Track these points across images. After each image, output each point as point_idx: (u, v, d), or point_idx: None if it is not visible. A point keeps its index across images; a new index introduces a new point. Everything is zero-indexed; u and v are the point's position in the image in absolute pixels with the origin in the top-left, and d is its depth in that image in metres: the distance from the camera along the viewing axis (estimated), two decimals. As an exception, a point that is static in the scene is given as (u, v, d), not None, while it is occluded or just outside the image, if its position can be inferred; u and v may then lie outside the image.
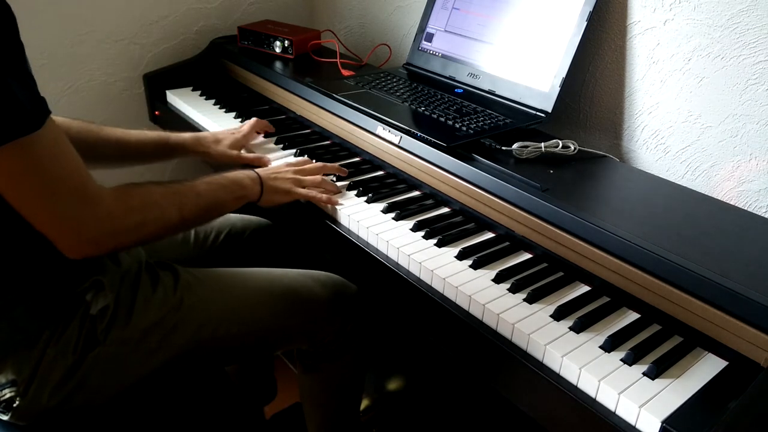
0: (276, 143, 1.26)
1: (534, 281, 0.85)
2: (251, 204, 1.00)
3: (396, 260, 0.92)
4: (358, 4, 1.72)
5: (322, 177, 1.06)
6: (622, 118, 1.17)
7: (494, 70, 1.25)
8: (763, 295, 0.69)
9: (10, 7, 0.66)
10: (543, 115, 1.15)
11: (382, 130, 1.13)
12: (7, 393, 0.82)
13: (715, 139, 1.04)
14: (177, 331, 0.90)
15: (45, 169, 0.70)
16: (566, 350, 0.72)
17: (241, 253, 1.21)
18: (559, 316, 0.78)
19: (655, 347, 0.74)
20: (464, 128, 1.09)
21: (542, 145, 1.05)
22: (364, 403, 1.52)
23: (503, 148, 1.04)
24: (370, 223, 0.97)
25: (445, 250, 0.92)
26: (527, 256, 0.92)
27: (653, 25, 1.09)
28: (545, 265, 0.90)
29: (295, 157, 1.20)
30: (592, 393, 0.69)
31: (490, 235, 0.97)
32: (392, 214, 1.00)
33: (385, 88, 1.29)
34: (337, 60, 1.47)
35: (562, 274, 0.88)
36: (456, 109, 1.18)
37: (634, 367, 0.71)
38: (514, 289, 0.83)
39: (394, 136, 1.11)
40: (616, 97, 1.17)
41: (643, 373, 0.70)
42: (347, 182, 1.10)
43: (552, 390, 0.71)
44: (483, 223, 0.99)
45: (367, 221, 0.98)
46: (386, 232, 0.95)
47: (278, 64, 1.48)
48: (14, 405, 0.82)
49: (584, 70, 1.21)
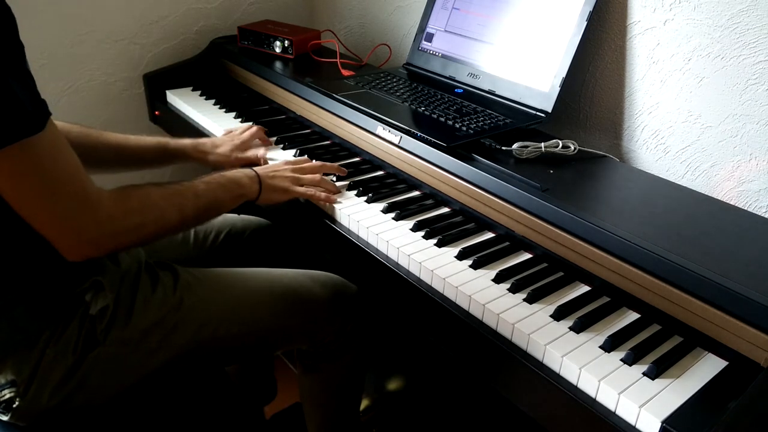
0: (276, 143, 1.26)
1: (534, 281, 0.85)
2: (251, 203, 1.00)
3: (396, 260, 0.92)
4: (358, 4, 1.72)
5: (321, 176, 1.06)
6: (622, 118, 1.17)
7: (494, 70, 1.25)
8: (763, 295, 0.69)
9: (9, 8, 0.66)
10: (543, 115, 1.15)
11: (382, 130, 1.13)
12: (7, 393, 0.82)
13: (715, 139, 1.04)
14: (177, 331, 0.91)
15: (45, 171, 0.70)
16: (566, 350, 0.72)
17: (241, 253, 1.21)
18: (559, 316, 0.78)
19: (655, 347, 0.74)
20: (464, 128, 1.09)
21: (542, 145, 1.05)
22: (364, 403, 1.52)
23: (503, 148, 1.04)
24: (370, 223, 0.97)
25: (445, 250, 0.92)
26: (527, 256, 0.92)
27: (653, 25, 1.09)
28: (545, 265, 0.90)
29: (295, 157, 1.20)
30: (592, 393, 0.69)
31: (490, 235, 0.97)
32: (392, 214, 1.00)
33: (385, 88, 1.29)
34: (337, 60, 1.47)
35: (562, 274, 0.88)
36: (456, 109, 1.18)
37: (634, 367, 0.71)
38: (514, 289, 0.83)
39: (394, 136, 1.11)
40: (616, 97, 1.17)
41: (643, 373, 0.70)
42: (347, 182, 1.10)
43: (552, 390, 0.71)
44: (483, 223, 0.99)
45: (367, 221, 0.98)
46: (386, 232, 0.95)
47: (278, 64, 1.48)
48: (14, 405, 0.82)
49: (584, 70, 1.21)
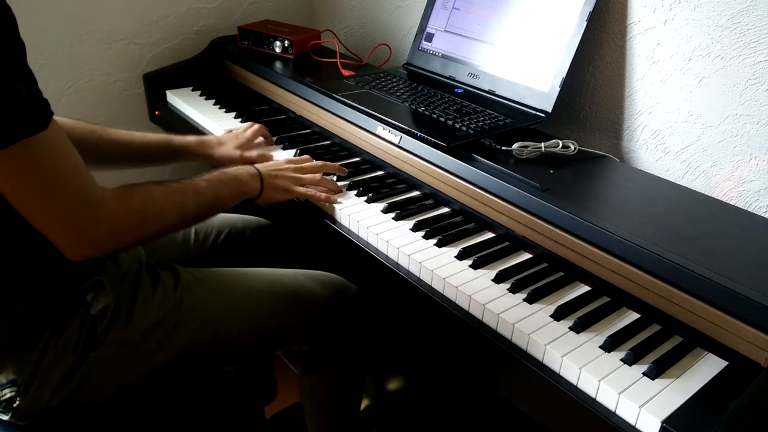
0: (276, 143, 1.26)
1: (534, 281, 0.85)
2: (251, 202, 1.00)
3: (396, 260, 0.92)
4: (358, 4, 1.72)
5: (322, 175, 1.06)
6: (622, 118, 1.17)
7: (494, 70, 1.25)
8: (763, 295, 0.69)
9: (10, 8, 0.66)
10: (543, 115, 1.15)
11: (382, 130, 1.13)
12: (8, 393, 0.82)
13: (715, 139, 1.04)
14: (177, 331, 0.91)
15: (47, 170, 0.70)
16: (566, 350, 0.72)
17: (241, 253, 1.21)
18: (559, 316, 0.78)
19: (655, 347, 0.74)
20: (464, 128, 1.09)
21: (542, 145, 1.05)
22: (364, 403, 1.52)
23: (503, 148, 1.04)
24: (370, 223, 0.97)
25: (445, 250, 0.92)
26: (527, 256, 0.92)
27: (653, 25, 1.09)
28: (545, 265, 0.90)
29: (295, 156, 1.19)
30: (592, 393, 0.69)
31: (490, 235, 0.97)
32: (392, 214, 1.00)
33: (385, 88, 1.29)
34: (337, 60, 1.47)
35: (562, 274, 0.88)
36: (456, 109, 1.18)
37: (634, 367, 0.71)
38: (514, 289, 0.83)
39: (394, 136, 1.11)
40: (616, 97, 1.17)
41: (643, 373, 0.70)
42: (347, 182, 1.10)
43: (552, 390, 0.71)
44: (483, 223, 0.99)
45: (367, 221, 0.98)
46: (386, 232, 0.95)
47: (278, 64, 1.48)
48: (14, 405, 0.82)
49: (584, 70, 1.21)
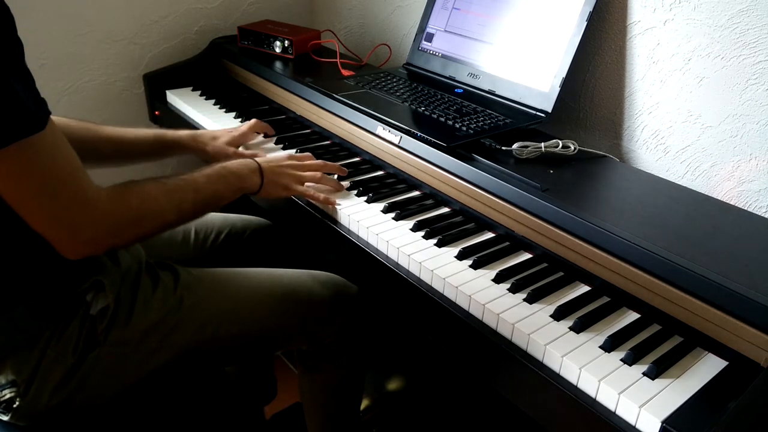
0: (276, 143, 1.26)
1: (534, 281, 0.85)
2: (251, 202, 1.00)
3: (396, 260, 0.92)
4: (358, 4, 1.72)
5: (323, 174, 1.06)
6: (622, 118, 1.17)
7: (494, 70, 1.25)
8: (763, 295, 0.69)
9: (8, 7, 0.66)
10: (543, 115, 1.15)
11: (382, 130, 1.13)
12: (8, 393, 0.82)
13: (715, 139, 1.04)
14: (177, 331, 0.91)
15: (44, 170, 0.70)
16: (566, 350, 0.72)
17: (241, 253, 1.21)
18: (559, 316, 0.78)
19: (655, 347, 0.74)
20: (464, 128, 1.09)
21: (542, 145, 1.05)
22: (364, 403, 1.52)
23: (503, 148, 1.04)
24: (370, 223, 0.97)
25: (445, 250, 0.92)
26: (527, 256, 0.92)
27: (653, 25, 1.09)
28: (545, 265, 0.90)
29: (296, 156, 1.20)
30: (592, 393, 0.69)
31: (490, 235, 0.97)
32: (392, 214, 1.00)
33: (385, 88, 1.29)
34: (337, 60, 1.47)
35: (562, 274, 0.88)
36: (456, 109, 1.18)
37: (634, 367, 0.71)
38: (514, 289, 0.83)
39: (394, 136, 1.11)
40: (616, 97, 1.17)
41: (643, 373, 0.70)
42: (347, 182, 1.10)
43: (552, 390, 0.71)
44: (483, 223, 0.99)
45: (367, 221, 0.98)
46: (386, 232, 0.95)
47: (278, 64, 1.48)
48: (14, 405, 0.82)
49: (584, 70, 1.21)
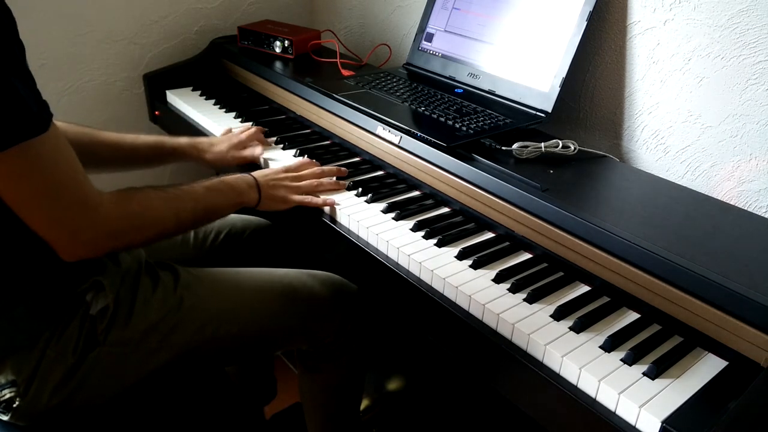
0: (276, 143, 1.26)
1: (534, 281, 0.85)
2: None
3: (396, 260, 0.92)
4: (358, 4, 1.72)
5: (320, 181, 1.06)
6: (622, 118, 1.17)
7: (494, 70, 1.25)
8: (763, 295, 0.69)
9: (9, 9, 0.66)
10: (543, 115, 1.15)
11: (382, 130, 1.13)
12: (7, 393, 0.82)
13: (715, 139, 1.04)
14: (177, 331, 0.91)
15: (45, 173, 0.70)
16: (566, 350, 0.72)
17: (241, 253, 1.21)
18: (559, 316, 0.78)
19: (655, 347, 0.74)
20: (464, 128, 1.09)
21: (542, 145, 1.05)
22: (364, 403, 1.52)
23: (503, 148, 1.04)
24: (370, 223, 0.97)
25: (445, 250, 0.92)
26: (527, 256, 0.92)
27: (653, 25, 1.09)
28: (545, 265, 0.90)
29: (295, 157, 1.20)
30: (592, 393, 0.69)
31: (490, 235, 0.97)
32: (392, 214, 1.00)
33: (385, 88, 1.29)
34: (337, 60, 1.47)
35: (562, 274, 0.88)
36: (456, 109, 1.18)
37: (634, 367, 0.71)
38: (514, 289, 0.83)
39: (394, 136, 1.11)
40: (616, 97, 1.17)
41: (643, 373, 0.70)
42: (347, 182, 1.10)
43: (552, 390, 0.71)
44: (483, 223, 0.99)
45: (367, 221, 0.98)
46: (386, 232, 0.95)
47: (278, 64, 1.48)
48: (14, 405, 0.82)
49: (584, 70, 1.21)
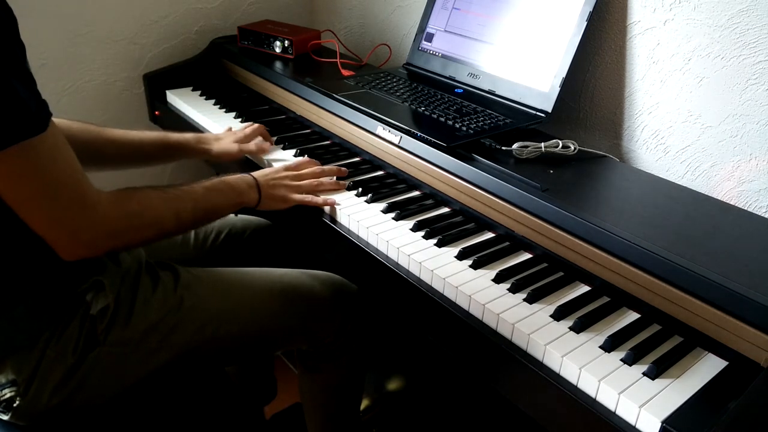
0: (276, 143, 1.26)
1: (534, 281, 0.85)
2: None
3: (396, 260, 0.92)
4: (358, 4, 1.72)
5: (320, 181, 1.06)
6: (622, 118, 1.17)
7: (494, 70, 1.25)
8: (763, 295, 0.69)
9: (10, 9, 0.66)
10: (543, 115, 1.15)
11: (382, 130, 1.13)
12: (8, 393, 0.82)
13: (715, 139, 1.04)
14: (177, 331, 0.91)
15: (45, 172, 0.70)
16: (566, 350, 0.72)
17: (241, 253, 1.21)
18: (559, 316, 0.78)
19: (655, 347, 0.74)
20: (464, 128, 1.09)
21: (542, 145, 1.05)
22: (364, 403, 1.52)
23: (503, 148, 1.04)
24: (370, 223, 0.97)
25: (445, 250, 0.92)
26: (527, 256, 0.92)
27: (653, 25, 1.09)
28: (545, 265, 0.90)
29: (295, 157, 1.20)
30: (592, 393, 0.69)
31: (490, 235, 0.97)
32: (392, 214, 1.00)
33: (385, 88, 1.29)
34: (337, 60, 1.47)
35: (562, 274, 0.88)
36: (456, 109, 1.18)
37: (634, 367, 0.71)
38: (514, 289, 0.83)
39: (394, 136, 1.11)
40: (616, 97, 1.17)
41: (643, 373, 0.70)
42: (347, 182, 1.10)
43: (552, 390, 0.71)
44: (483, 223, 0.99)
45: (367, 221, 0.98)
46: (386, 232, 0.95)
47: (278, 64, 1.48)
48: (14, 405, 0.82)
49: (584, 70, 1.21)
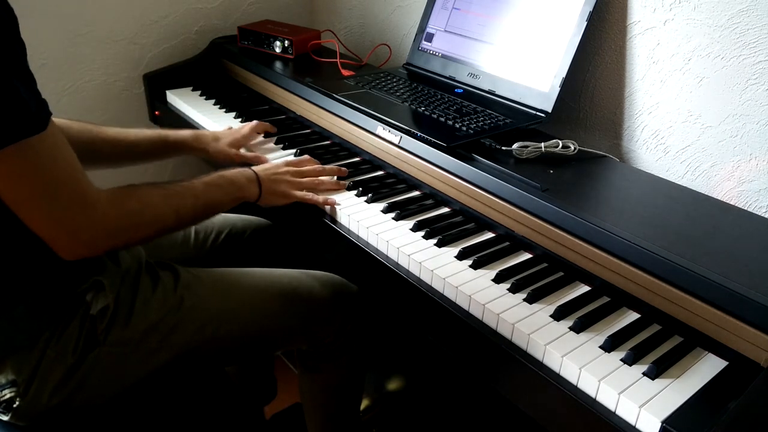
0: (276, 143, 1.26)
1: (534, 281, 0.85)
2: (250, 204, 1.00)
3: (396, 260, 0.92)
4: (358, 4, 1.72)
5: (320, 178, 1.06)
6: (622, 118, 1.17)
7: (494, 70, 1.25)
8: (763, 295, 0.69)
9: (11, 8, 0.66)
10: (543, 115, 1.15)
11: (382, 130, 1.13)
12: (7, 393, 0.82)
13: (715, 139, 1.04)
14: (177, 331, 0.90)
15: (44, 172, 0.70)
16: (566, 350, 0.72)
17: (241, 253, 1.21)
18: (559, 316, 0.78)
19: (655, 347, 0.74)
20: (464, 128, 1.09)
21: (542, 145, 1.05)
22: (364, 403, 1.52)
23: (503, 148, 1.04)
24: (370, 223, 0.97)
25: (445, 250, 0.92)
26: (527, 256, 0.92)
27: (653, 25, 1.09)
28: (545, 265, 0.90)
29: (295, 157, 1.20)
30: (592, 393, 0.69)
31: (490, 235, 0.97)
32: (392, 214, 1.00)
33: (385, 88, 1.29)
34: (337, 60, 1.47)
35: (562, 274, 0.88)
36: (456, 109, 1.18)
37: (634, 367, 0.71)
38: (514, 289, 0.83)
39: (394, 136, 1.11)
40: (616, 97, 1.17)
41: (643, 373, 0.70)
42: (347, 182, 1.10)
43: (552, 390, 0.71)
44: (483, 223, 0.99)
45: (367, 221, 0.98)
46: (386, 232, 0.95)
47: (278, 64, 1.48)
48: (14, 405, 0.82)
49: (584, 70, 1.21)
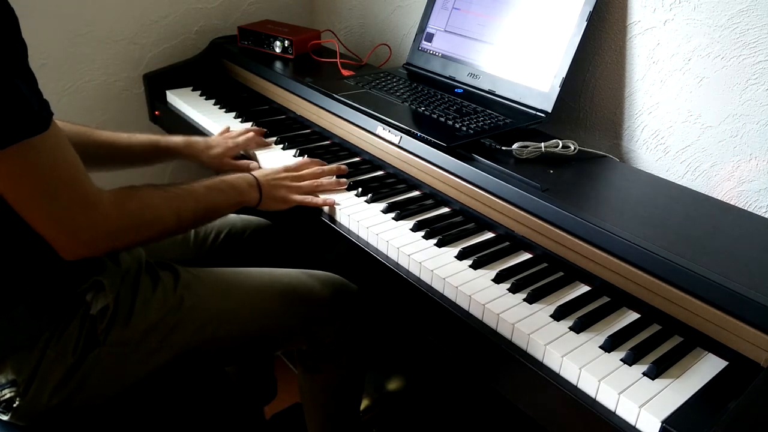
0: (276, 143, 1.26)
1: (534, 281, 0.85)
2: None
3: (396, 260, 0.92)
4: (358, 4, 1.72)
5: (320, 181, 1.06)
6: (622, 118, 1.17)
7: (494, 70, 1.25)
8: (763, 295, 0.69)
9: (12, 8, 0.66)
10: (543, 115, 1.15)
11: (382, 130, 1.13)
12: (7, 393, 0.82)
13: (715, 139, 1.04)
14: (177, 331, 0.91)
15: (46, 172, 0.70)
16: (566, 350, 0.72)
17: (241, 253, 1.21)
18: (559, 316, 0.78)
19: (655, 347, 0.74)
20: (464, 128, 1.09)
21: (542, 145, 1.05)
22: (364, 403, 1.52)
23: (503, 148, 1.04)
24: (370, 223, 0.97)
25: (445, 250, 0.92)
26: (527, 256, 0.92)
27: (653, 25, 1.09)
28: (545, 265, 0.90)
29: (295, 157, 1.20)
30: (592, 393, 0.69)
31: (490, 235, 0.97)
32: (392, 214, 1.00)
33: (385, 88, 1.29)
34: (337, 60, 1.47)
35: (562, 274, 0.88)
36: (456, 109, 1.18)
37: (634, 367, 0.71)
38: (514, 289, 0.83)
39: (394, 136, 1.11)
40: (616, 97, 1.17)
41: (643, 373, 0.70)
42: (347, 182, 1.10)
43: (552, 390, 0.71)
44: (483, 223, 0.99)
45: (367, 221, 0.98)
46: (386, 232, 0.95)
47: (278, 64, 1.48)
48: (14, 405, 0.82)
49: (584, 70, 1.21)
